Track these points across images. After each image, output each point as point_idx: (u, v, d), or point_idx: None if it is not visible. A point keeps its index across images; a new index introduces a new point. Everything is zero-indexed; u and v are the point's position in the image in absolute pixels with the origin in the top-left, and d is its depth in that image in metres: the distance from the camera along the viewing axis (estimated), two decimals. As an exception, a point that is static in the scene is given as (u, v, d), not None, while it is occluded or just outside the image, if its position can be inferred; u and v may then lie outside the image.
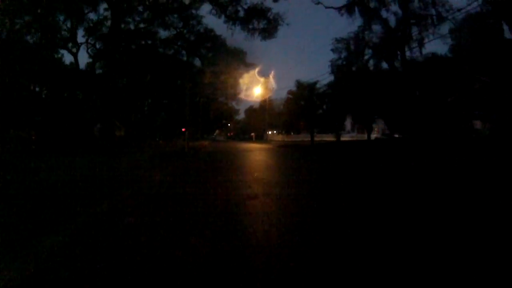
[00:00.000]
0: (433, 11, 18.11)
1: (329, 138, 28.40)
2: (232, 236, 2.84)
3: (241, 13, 17.08)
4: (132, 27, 22.38)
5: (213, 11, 17.55)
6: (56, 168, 8.11)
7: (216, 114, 58.62)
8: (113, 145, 17.43)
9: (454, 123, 15.23)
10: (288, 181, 6.54)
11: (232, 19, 17.37)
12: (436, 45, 68.12)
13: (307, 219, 3.45)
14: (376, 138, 25.83)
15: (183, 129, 19.99)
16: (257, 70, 34.97)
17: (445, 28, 18.10)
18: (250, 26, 17.60)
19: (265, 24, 17.24)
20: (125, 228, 3.09)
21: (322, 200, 4.60)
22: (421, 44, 18.57)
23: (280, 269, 2.11)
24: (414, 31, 19.04)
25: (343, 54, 22.17)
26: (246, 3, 16.92)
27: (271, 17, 17.23)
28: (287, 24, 18.10)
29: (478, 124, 18.91)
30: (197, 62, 28.45)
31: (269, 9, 17.00)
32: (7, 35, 19.14)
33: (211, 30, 21.02)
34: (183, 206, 4.13)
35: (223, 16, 17.99)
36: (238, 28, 17.47)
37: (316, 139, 26.80)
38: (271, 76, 41.62)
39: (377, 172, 8.28)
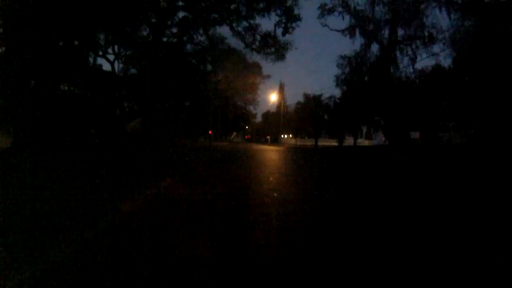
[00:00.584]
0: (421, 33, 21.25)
1: (334, 143, 31.83)
2: (246, 184, 6.48)
3: (257, 40, 20.81)
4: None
5: (234, 36, 21.38)
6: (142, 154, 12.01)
7: (234, 117, 62.72)
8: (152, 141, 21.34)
9: (430, 132, 18.34)
10: (284, 166, 10.13)
11: (249, 46, 21.13)
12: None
13: (287, 178, 7.04)
14: (377, 144, 28.91)
15: (209, 132, 23.84)
16: (271, 79, 38.59)
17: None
18: (263, 52, 21.30)
19: (276, 50, 20.89)
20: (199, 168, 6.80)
21: (310, 177, 8.18)
22: (413, 63, 21.75)
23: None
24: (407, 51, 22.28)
25: (347, 69, 25.52)
26: (261, 31, 20.68)
27: (281, 43, 20.87)
28: (296, 48, 21.64)
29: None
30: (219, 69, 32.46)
31: (277, 39, 20.72)
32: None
33: (234, 49, 24.74)
34: (221, 169, 7.84)
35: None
36: (254, 51, 21.27)
37: (324, 143, 30.22)
38: (284, 85, 45.18)
39: (356, 168, 11.73)
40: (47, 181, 5.26)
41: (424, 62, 64.69)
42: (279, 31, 23.06)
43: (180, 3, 20.10)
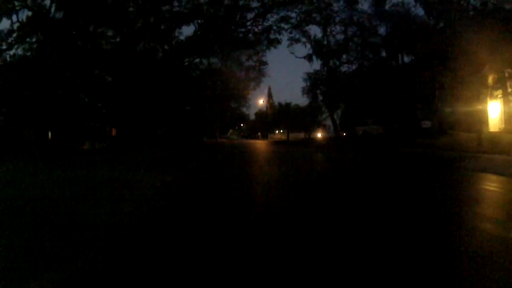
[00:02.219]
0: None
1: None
2: (238, 152, 16.59)
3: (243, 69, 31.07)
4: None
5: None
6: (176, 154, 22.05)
7: (231, 117, 72.96)
8: (172, 141, 31.35)
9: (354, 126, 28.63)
10: (256, 148, 20.26)
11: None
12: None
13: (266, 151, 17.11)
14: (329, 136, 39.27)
15: (217, 131, 34.12)
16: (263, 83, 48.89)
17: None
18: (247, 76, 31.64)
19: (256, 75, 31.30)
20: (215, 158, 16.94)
21: (283, 152, 18.32)
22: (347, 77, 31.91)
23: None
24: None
25: (309, 83, 35.66)
26: (245, 65, 30.86)
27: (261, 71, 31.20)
28: (269, 76, 32.03)
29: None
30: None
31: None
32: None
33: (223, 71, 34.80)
34: (231, 155, 17.97)
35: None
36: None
37: (297, 136, 40.65)
38: (271, 90, 55.61)
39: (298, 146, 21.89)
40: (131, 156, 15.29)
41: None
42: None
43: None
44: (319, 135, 36.57)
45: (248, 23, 25.45)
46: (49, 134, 33.17)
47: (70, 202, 4.67)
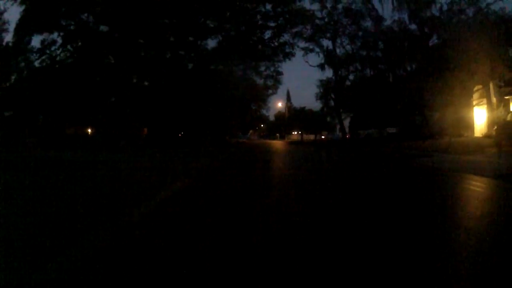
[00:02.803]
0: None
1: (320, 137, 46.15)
2: (258, 149, 20.96)
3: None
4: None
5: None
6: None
7: (251, 119, 77.85)
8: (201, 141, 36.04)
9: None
10: (274, 147, 24.51)
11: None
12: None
13: (283, 148, 21.42)
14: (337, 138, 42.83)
15: (239, 131, 38.62)
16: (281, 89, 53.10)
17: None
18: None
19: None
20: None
21: (295, 149, 22.61)
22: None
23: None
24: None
25: (321, 89, 39.46)
26: (263, 73, 35.14)
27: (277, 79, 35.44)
28: (283, 84, 36.07)
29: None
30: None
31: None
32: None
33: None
34: (251, 151, 22.39)
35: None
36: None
37: (309, 137, 44.50)
38: (289, 94, 59.69)
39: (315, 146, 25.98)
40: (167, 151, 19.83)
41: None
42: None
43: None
44: (323, 137, 40.46)
45: (266, 40, 29.60)
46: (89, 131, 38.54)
47: (170, 166, 9.13)
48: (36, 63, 27.37)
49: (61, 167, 9.62)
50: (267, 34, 28.83)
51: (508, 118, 17.93)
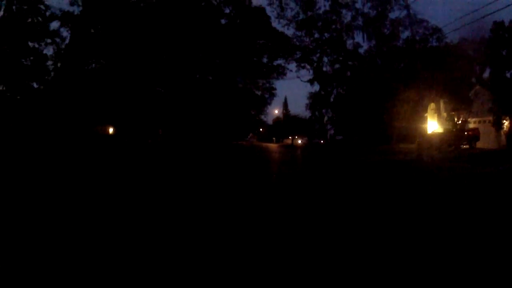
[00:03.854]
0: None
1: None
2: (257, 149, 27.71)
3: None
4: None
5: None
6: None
7: (250, 124, 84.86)
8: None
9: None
10: (266, 149, 31.16)
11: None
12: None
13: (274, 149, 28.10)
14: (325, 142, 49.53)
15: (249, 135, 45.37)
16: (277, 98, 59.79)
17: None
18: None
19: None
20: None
21: (285, 151, 29.32)
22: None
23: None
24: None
25: (310, 101, 46.21)
26: (261, 87, 41.83)
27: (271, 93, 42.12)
28: (275, 96, 42.89)
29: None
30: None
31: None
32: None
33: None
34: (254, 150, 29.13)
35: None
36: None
37: (301, 141, 51.21)
38: (287, 101, 66.52)
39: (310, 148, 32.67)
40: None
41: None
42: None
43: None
44: (300, 141, 47.26)
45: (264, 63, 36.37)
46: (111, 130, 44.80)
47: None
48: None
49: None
50: (264, 59, 35.54)
51: (435, 130, 24.80)
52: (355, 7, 32.58)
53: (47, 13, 23.08)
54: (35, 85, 29.63)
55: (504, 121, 27.91)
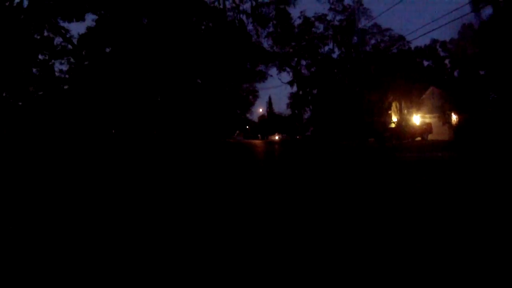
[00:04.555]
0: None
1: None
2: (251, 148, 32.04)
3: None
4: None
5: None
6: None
7: (236, 121, 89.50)
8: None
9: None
10: (250, 144, 35.49)
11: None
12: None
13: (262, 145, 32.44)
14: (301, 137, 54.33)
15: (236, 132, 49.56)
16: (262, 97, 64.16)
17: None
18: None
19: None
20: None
21: (266, 144, 33.69)
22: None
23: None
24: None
25: (290, 101, 50.78)
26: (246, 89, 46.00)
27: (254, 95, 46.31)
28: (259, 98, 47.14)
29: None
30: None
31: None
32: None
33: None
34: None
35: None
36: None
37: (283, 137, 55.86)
38: (271, 100, 71.07)
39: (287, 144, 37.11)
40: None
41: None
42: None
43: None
44: (277, 137, 52.17)
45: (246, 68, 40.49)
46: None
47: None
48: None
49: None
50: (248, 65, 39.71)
51: (392, 125, 29.81)
52: (327, 19, 37.02)
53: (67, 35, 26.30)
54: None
55: (453, 116, 33.13)
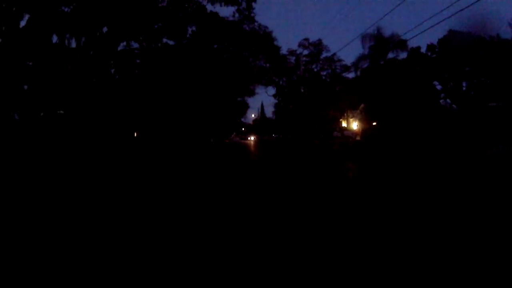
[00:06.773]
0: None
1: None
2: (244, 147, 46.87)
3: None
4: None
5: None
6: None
7: (233, 123, 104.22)
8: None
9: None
10: (244, 142, 50.24)
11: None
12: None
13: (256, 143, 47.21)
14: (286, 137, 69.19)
15: (232, 134, 64.27)
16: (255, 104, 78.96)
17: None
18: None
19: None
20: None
21: (259, 143, 48.57)
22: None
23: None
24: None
25: (275, 109, 65.62)
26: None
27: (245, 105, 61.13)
28: (249, 108, 61.47)
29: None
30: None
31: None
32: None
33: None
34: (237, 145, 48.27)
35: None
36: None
37: (270, 138, 70.77)
38: (263, 105, 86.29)
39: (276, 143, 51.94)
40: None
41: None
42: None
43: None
44: (266, 137, 67.27)
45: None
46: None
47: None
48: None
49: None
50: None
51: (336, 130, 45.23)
52: (297, 53, 52.14)
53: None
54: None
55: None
